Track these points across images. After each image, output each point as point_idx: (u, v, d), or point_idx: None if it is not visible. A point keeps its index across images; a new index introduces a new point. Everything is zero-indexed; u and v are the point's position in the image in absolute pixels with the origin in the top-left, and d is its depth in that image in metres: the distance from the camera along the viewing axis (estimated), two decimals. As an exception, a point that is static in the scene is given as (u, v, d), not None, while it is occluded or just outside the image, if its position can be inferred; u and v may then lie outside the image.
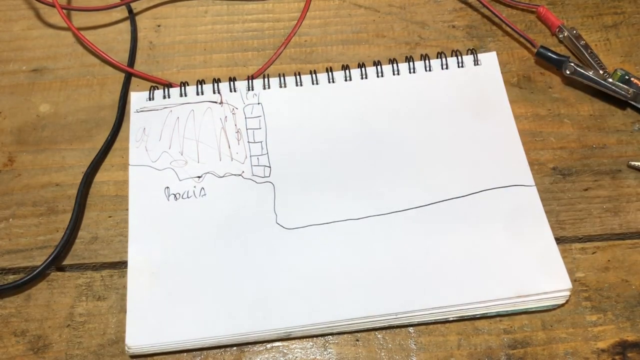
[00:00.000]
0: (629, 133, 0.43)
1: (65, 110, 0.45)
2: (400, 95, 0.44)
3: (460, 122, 0.42)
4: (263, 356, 0.36)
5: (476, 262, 0.37)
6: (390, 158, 0.41)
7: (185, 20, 0.49)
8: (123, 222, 0.40)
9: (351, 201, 0.39)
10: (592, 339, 0.36)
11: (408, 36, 0.48)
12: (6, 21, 0.49)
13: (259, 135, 0.42)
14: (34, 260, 0.39)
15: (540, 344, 0.36)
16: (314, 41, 0.48)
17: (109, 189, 0.41)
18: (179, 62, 0.47)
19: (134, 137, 0.42)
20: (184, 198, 0.40)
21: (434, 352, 0.36)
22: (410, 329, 0.36)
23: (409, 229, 0.38)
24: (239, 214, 0.39)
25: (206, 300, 0.36)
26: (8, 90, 0.45)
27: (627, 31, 0.48)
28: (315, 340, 0.36)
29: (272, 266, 0.37)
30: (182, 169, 0.41)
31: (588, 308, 0.37)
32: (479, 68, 0.44)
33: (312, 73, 0.45)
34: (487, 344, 0.36)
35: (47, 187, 0.41)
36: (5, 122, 0.44)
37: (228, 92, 0.44)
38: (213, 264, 0.37)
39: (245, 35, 0.48)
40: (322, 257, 0.38)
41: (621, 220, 0.40)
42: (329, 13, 0.49)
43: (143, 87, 0.45)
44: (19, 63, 0.47)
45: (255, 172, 0.41)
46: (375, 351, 0.36)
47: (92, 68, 0.47)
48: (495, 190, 0.40)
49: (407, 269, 0.37)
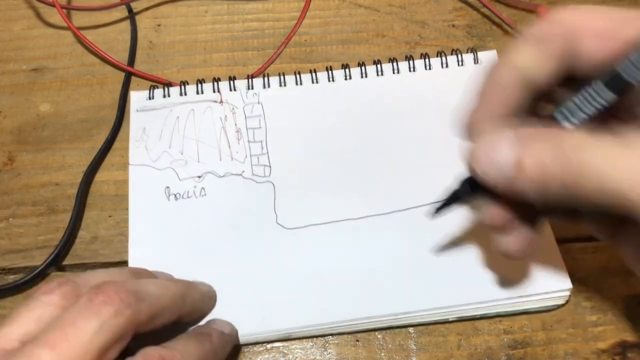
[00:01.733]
0: (630, 133, 0.43)
1: (65, 109, 0.44)
2: (400, 94, 0.44)
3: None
4: (263, 356, 0.36)
5: (476, 262, 0.37)
6: (391, 157, 0.41)
7: (186, 20, 0.49)
8: (123, 222, 0.40)
9: (351, 201, 0.39)
10: (592, 339, 0.36)
11: (408, 36, 0.48)
12: (6, 21, 0.49)
13: (259, 135, 0.42)
14: (34, 260, 0.39)
15: (540, 344, 0.36)
16: (314, 41, 0.48)
17: (109, 188, 0.41)
18: (179, 62, 0.47)
19: (134, 137, 0.42)
20: (184, 198, 0.40)
21: (434, 353, 0.36)
22: (410, 330, 0.36)
23: (409, 229, 0.38)
24: (239, 214, 0.39)
25: (206, 300, 0.36)
26: (8, 89, 0.45)
27: (627, 31, 0.48)
28: (315, 340, 0.36)
29: (272, 266, 0.37)
30: (183, 168, 0.41)
31: (588, 308, 0.37)
32: (479, 67, 0.44)
33: (312, 72, 0.45)
34: (487, 345, 0.36)
35: (47, 187, 0.41)
36: (5, 122, 0.44)
37: (228, 91, 0.44)
38: (213, 264, 0.37)
39: (245, 35, 0.48)
40: (322, 257, 0.37)
41: (621, 220, 0.40)
42: (329, 13, 0.49)
43: (143, 87, 0.45)
44: (19, 62, 0.47)
45: (256, 171, 0.41)
46: (375, 351, 0.36)
47: (92, 67, 0.47)
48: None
49: (407, 269, 0.37)
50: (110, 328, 0.26)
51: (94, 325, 0.26)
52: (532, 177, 0.25)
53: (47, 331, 0.26)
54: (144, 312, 0.28)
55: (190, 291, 0.33)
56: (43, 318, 0.27)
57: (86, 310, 0.26)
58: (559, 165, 0.24)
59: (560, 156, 0.24)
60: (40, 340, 0.25)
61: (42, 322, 0.27)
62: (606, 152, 0.23)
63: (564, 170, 0.24)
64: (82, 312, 0.26)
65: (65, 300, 0.28)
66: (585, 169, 0.24)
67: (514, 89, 0.27)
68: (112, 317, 0.26)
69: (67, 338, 0.25)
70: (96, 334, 0.26)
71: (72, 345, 0.25)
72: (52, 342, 0.25)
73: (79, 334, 0.25)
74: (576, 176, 0.24)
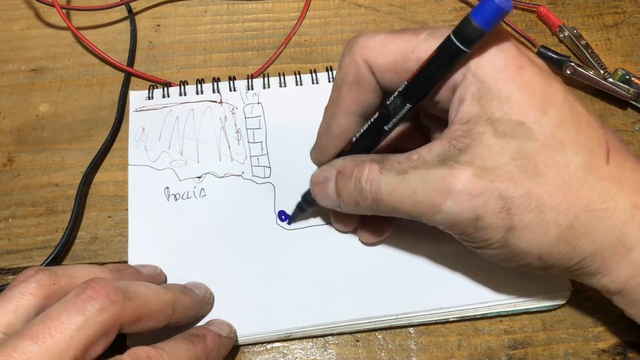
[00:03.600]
0: (630, 133, 0.43)
1: (64, 110, 0.44)
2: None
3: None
4: (263, 356, 0.36)
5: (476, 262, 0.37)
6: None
7: (185, 20, 0.49)
8: (123, 222, 0.40)
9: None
10: (593, 339, 0.36)
11: (408, 36, 0.48)
12: (6, 21, 0.49)
13: (259, 135, 0.42)
14: (33, 260, 0.39)
15: (540, 344, 0.36)
16: (314, 41, 0.48)
17: (108, 189, 0.41)
18: (178, 62, 0.47)
19: (133, 137, 0.42)
20: (184, 198, 0.40)
21: (434, 353, 0.36)
22: (410, 330, 0.36)
23: (409, 229, 0.38)
24: (239, 214, 0.39)
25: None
26: (7, 90, 0.45)
27: (627, 31, 0.48)
28: (316, 340, 0.36)
29: (272, 266, 0.37)
30: (182, 169, 0.41)
31: (588, 308, 0.37)
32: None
33: (312, 72, 0.44)
34: (487, 345, 0.36)
35: (46, 187, 0.41)
36: (5, 122, 0.44)
37: (228, 91, 0.44)
38: (213, 264, 0.37)
39: (245, 35, 0.48)
40: (322, 257, 0.37)
41: (622, 220, 0.39)
42: (329, 13, 0.49)
43: (143, 87, 0.45)
44: (19, 63, 0.47)
45: (255, 172, 0.41)
46: (376, 351, 0.36)
47: (91, 68, 0.46)
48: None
49: (407, 269, 0.37)
50: (94, 324, 0.27)
51: (77, 321, 0.26)
52: (347, 202, 0.33)
53: (32, 324, 0.26)
54: (129, 311, 0.28)
55: (182, 298, 0.33)
56: (20, 308, 0.28)
57: (72, 305, 0.27)
58: (360, 195, 0.32)
59: (359, 189, 0.31)
60: (24, 333, 0.26)
61: (19, 312, 0.28)
62: (388, 182, 0.30)
63: (364, 197, 0.31)
64: (67, 307, 0.27)
65: (42, 288, 0.29)
66: (378, 196, 0.31)
67: (348, 132, 0.34)
68: (96, 312, 0.27)
69: (50, 332, 0.26)
70: (79, 329, 0.26)
71: (55, 339, 0.26)
72: (36, 335, 0.26)
73: (62, 329, 0.26)
74: (373, 202, 0.31)
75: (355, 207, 0.33)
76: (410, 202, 0.30)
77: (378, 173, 0.31)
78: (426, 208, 0.29)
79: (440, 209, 0.29)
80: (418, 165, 0.29)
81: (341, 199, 0.33)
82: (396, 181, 0.30)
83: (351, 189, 0.32)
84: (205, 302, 0.35)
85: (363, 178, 0.31)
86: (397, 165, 0.30)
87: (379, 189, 0.31)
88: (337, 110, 0.34)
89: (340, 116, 0.34)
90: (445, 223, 0.30)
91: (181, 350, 0.30)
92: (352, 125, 0.34)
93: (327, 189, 0.33)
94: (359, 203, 0.32)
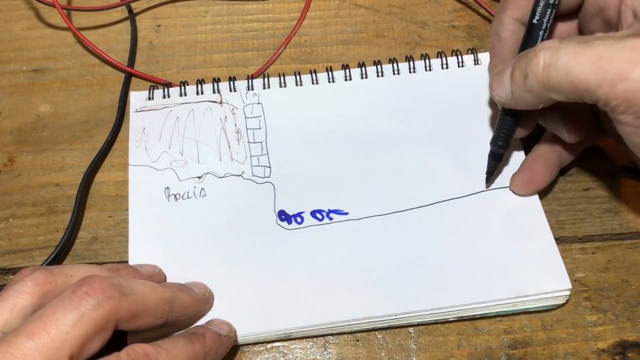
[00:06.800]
0: (629, 133, 0.43)
1: (65, 110, 0.45)
2: (401, 95, 0.44)
3: (460, 122, 0.42)
4: (263, 356, 0.36)
5: (476, 262, 0.37)
6: (390, 157, 0.41)
7: (185, 20, 0.49)
8: (123, 222, 0.40)
9: (351, 201, 0.39)
10: (592, 339, 0.36)
11: (408, 36, 0.48)
12: (6, 21, 0.49)
13: (259, 135, 0.42)
14: (34, 260, 0.39)
15: (540, 344, 0.36)
16: (314, 41, 0.48)
17: (108, 189, 0.41)
18: (179, 62, 0.47)
19: (134, 137, 0.42)
20: (184, 198, 0.40)
21: (434, 353, 0.36)
22: (410, 329, 0.36)
23: (409, 229, 0.38)
24: (239, 214, 0.39)
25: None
26: (8, 90, 0.45)
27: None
28: (316, 340, 0.36)
29: (272, 267, 0.37)
30: (182, 169, 0.41)
31: (588, 308, 0.37)
32: (480, 67, 0.44)
33: (312, 73, 0.45)
34: (487, 344, 0.36)
35: (47, 187, 0.41)
36: (5, 122, 0.44)
37: (228, 91, 0.44)
38: (213, 264, 0.37)
39: (245, 35, 0.48)
40: (322, 257, 0.37)
41: (621, 220, 0.40)
42: (329, 13, 0.49)
43: (143, 88, 0.45)
44: (19, 63, 0.47)
45: (256, 172, 0.41)
46: (375, 351, 0.36)
47: (92, 68, 0.47)
48: (495, 190, 0.40)
49: (407, 269, 0.37)
50: (89, 320, 0.27)
51: (72, 317, 0.26)
52: (517, 80, 0.33)
53: (28, 321, 0.26)
54: (125, 307, 0.28)
55: (181, 296, 0.33)
56: (17, 306, 0.28)
57: (68, 301, 0.27)
58: (530, 63, 0.31)
59: (532, 57, 0.31)
60: (20, 329, 0.26)
61: (16, 310, 0.28)
62: (568, 48, 0.30)
63: (536, 63, 0.31)
64: (63, 303, 0.27)
65: (39, 286, 0.29)
66: (553, 62, 0.30)
67: (516, 35, 0.37)
68: (92, 308, 0.27)
69: (46, 328, 0.26)
70: (75, 325, 0.26)
71: (51, 335, 0.26)
72: (32, 332, 0.26)
73: (58, 325, 0.26)
74: (544, 69, 0.31)
75: (524, 83, 0.32)
76: (592, 69, 0.29)
77: (557, 42, 0.31)
78: (610, 75, 0.29)
79: (627, 77, 0.29)
80: (603, 37, 0.30)
81: (513, 78, 0.33)
82: (578, 48, 0.30)
83: (523, 63, 0.32)
84: (205, 300, 0.35)
85: (540, 48, 0.31)
86: (578, 39, 0.30)
87: (556, 54, 0.30)
88: (502, 17, 0.37)
89: (506, 20, 0.37)
90: (625, 95, 0.29)
91: (179, 348, 0.30)
92: (518, 29, 0.37)
93: (504, 75, 0.34)
94: (527, 76, 0.32)
